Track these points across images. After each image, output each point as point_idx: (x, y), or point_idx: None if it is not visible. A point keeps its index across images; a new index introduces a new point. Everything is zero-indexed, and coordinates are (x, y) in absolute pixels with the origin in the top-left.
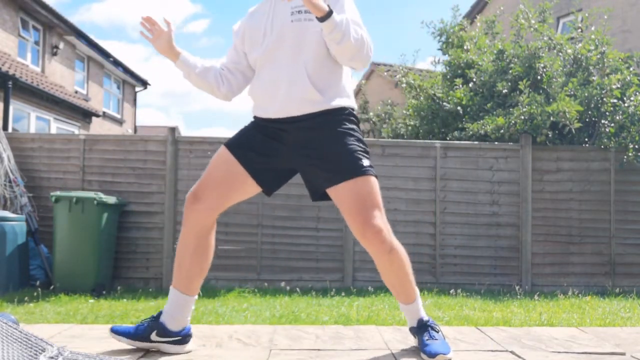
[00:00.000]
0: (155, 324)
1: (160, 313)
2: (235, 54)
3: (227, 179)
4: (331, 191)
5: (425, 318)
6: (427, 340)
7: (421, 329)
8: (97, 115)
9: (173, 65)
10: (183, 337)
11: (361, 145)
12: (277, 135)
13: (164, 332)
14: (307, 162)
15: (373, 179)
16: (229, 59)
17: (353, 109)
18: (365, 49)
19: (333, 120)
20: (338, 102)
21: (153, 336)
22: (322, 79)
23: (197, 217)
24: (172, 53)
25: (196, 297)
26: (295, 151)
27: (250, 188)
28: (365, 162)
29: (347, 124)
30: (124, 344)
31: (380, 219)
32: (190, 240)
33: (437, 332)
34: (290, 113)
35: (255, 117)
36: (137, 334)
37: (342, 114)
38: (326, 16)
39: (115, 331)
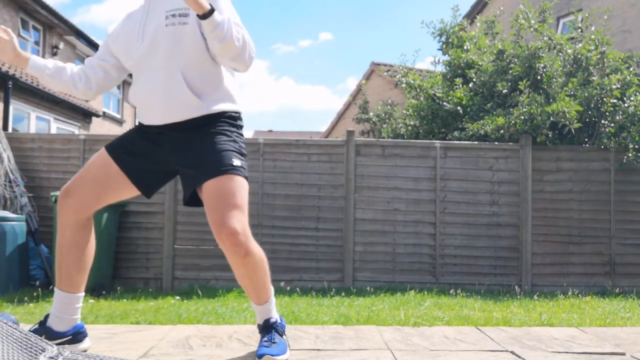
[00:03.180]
0: (42, 329)
1: (47, 317)
2: (104, 52)
3: (102, 179)
4: (200, 193)
5: (273, 319)
6: (264, 342)
7: (264, 329)
8: (97, 115)
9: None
10: (73, 336)
11: (234, 145)
12: (155, 138)
13: (51, 334)
14: (182, 163)
15: (239, 179)
16: (97, 55)
17: (235, 112)
18: (248, 50)
19: (213, 123)
20: (220, 107)
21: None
22: (201, 83)
23: (69, 212)
24: (19, 60)
25: (82, 294)
26: (172, 153)
27: (127, 189)
28: (234, 162)
29: (224, 125)
30: (124, 345)
31: (238, 221)
32: (65, 236)
33: (281, 335)
34: (170, 120)
35: (139, 122)
36: None
37: (221, 117)
38: (208, 14)
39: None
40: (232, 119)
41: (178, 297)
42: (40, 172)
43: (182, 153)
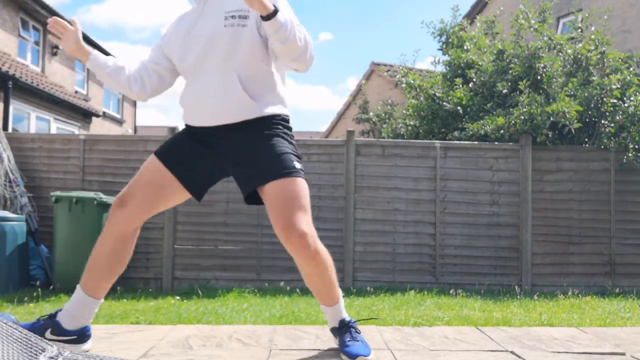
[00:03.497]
0: (50, 322)
1: (58, 311)
2: (157, 55)
3: (155, 187)
4: (261, 192)
5: (347, 319)
6: (348, 341)
7: (342, 329)
8: (97, 115)
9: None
10: (79, 337)
11: (292, 147)
12: (207, 141)
13: (59, 331)
14: (237, 165)
15: (301, 181)
16: (150, 57)
17: (287, 116)
18: (309, 50)
19: (267, 125)
20: (271, 110)
21: (47, 334)
22: (256, 86)
23: (120, 222)
24: (80, 53)
25: (101, 301)
26: (226, 156)
27: (179, 195)
28: (294, 164)
29: (281, 128)
30: (124, 345)
31: (305, 223)
32: (108, 243)
33: (359, 333)
34: (223, 121)
35: (186, 125)
36: (32, 331)
37: (274, 120)
38: (272, 15)
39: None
40: (284, 121)
41: (178, 297)
42: (40, 172)
43: (239, 154)
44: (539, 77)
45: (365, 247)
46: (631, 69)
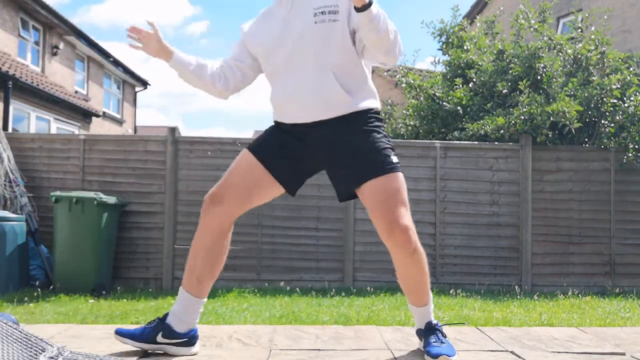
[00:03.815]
0: (161, 326)
1: (166, 315)
2: (240, 52)
3: (249, 182)
4: (359, 190)
5: (434, 322)
6: (434, 342)
7: (429, 331)
8: (97, 115)
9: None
10: (189, 339)
11: (386, 141)
12: (301, 136)
13: (170, 333)
14: (333, 161)
15: (401, 176)
16: (233, 55)
17: (379, 109)
18: (399, 43)
19: (361, 120)
20: (367, 104)
21: (159, 338)
22: (350, 80)
23: (214, 220)
24: (164, 53)
25: (205, 300)
26: (321, 152)
27: (272, 190)
28: (393, 159)
29: (374, 122)
30: (124, 345)
31: (408, 218)
32: (204, 242)
33: (445, 336)
34: (319, 117)
35: (276, 122)
36: (143, 335)
37: (370, 114)
38: (367, 5)
39: (119, 333)
40: (377, 114)
41: None
42: (40, 172)
43: (334, 152)
44: (539, 77)
45: (365, 247)
46: (631, 69)
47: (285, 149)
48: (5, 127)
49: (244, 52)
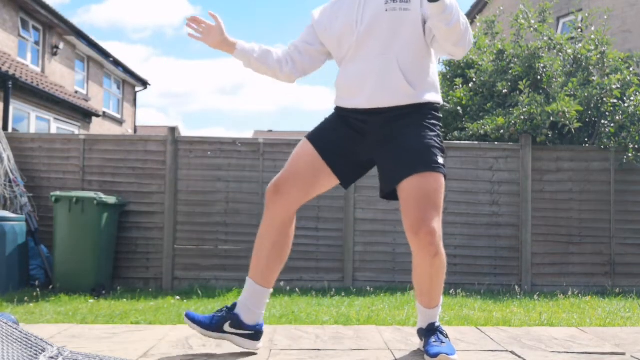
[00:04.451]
0: (229, 315)
1: (234, 305)
2: (310, 36)
3: (309, 173)
4: (400, 185)
5: (437, 324)
6: (433, 342)
7: (430, 332)
8: (97, 115)
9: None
10: (256, 333)
11: (439, 142)
12: (359, 127)
13: (238, 324)
14: (385, 153)
15: (441, 178)
16: (302, 38)
17: (439, 104)
18: (469, 35)
19: (419, 113)
20: (428, 97)
21: (226, 327)
22: (414, 71)
23: (278, 210)
24: (226, 45)
25: (272, 290)
26: (376, 142)
27: (330, 181)
28: (438, 159)
29: (431, 119)
30: (124, 345)
31: (437, 222)
32: (270, 233)
33: (446, 337)
34: (379, 104)
35: (337, 108)
36: (212, 324)
37: (430, 108)
38: None
39: (189, 317)
40: (436, 111)
41: (178, 297)
42: (40, 172)
43: (388, 142)
44: (539, 77)
45: (365, 247)
46: (631, 69)
47: (344, 140)
48: (5, 127)
49: (314, 37)
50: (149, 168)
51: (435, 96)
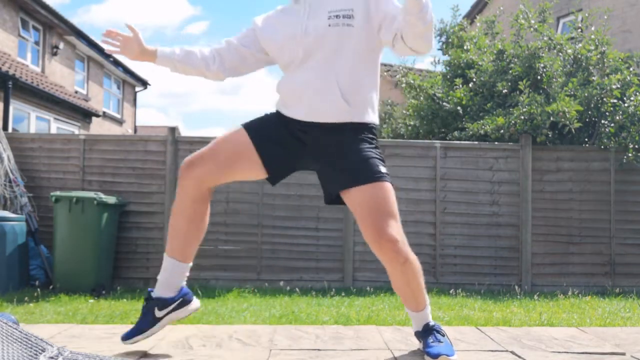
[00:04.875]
0: (152, 303)
1: (150, 292)
2: (248, 39)
3: (232, 156)
4: (345, 195)
5: (432, 323)
6: (432, 342)
7: (426, 332)
8: (97, 115)
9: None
10: (183, 297)
11: (377, 152)
12: (298, 135)
13: (164, 303)
14: (324, 164)
15: (389, 186)
16: (239, 39)
17: (376, 124)
18: (433, 32)
19: (357, 130)
20: (366, 117)
21: (157, 313)
22: (352, 90)
23: (188, 184)
24: (146, 55)
25: (191, 264)
26: (314, 153)
27: (256, 172)
28: (381, 169)
29: (369, 134)
30: (125, 345)
31: (395, 229)
32: (186, 206)
33: (443, 335)
34: (316, 119)
35: (278, 112)
36: (146, 321)
37: (366, 128)
38: None
39: (126, 338)
40: (374, 129)
41: None
42: (40, 172)
43: (326, 154)
44: (539, 77)
45: (365, 247)
46: (631, 69)
47: (280, 139)
48: (5, 127)
49: (252, 40)
50: (149, 168)
51: (372, 117)
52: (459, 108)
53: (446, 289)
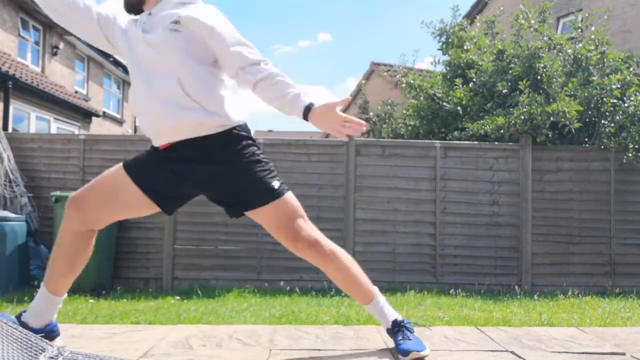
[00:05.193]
0: (19, 323)
1: (22, 312)
2: (101, 16)
3: (115, 197)
4: (248, 214)
5: (400, 319)
6: (400, 340)
7: (394, 329)
8: (97, 115)
9: None
10: (46, 334)
11: (264, 166)
12: (168, 164)
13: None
14: (211, 191)
15: (287, 197)
16: (102, 10)
17: (240, 125)
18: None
19: (222, 145)
20: (223, 122)
21: None
22: (188, 100)
23: (73, 224)
24: None
25: (64, 297)
26: (194, 181)
27: (146, 207)
28: (273, 185)
29: (242, 147)
30: (124, 345)
31: (308, 230)
32: (64, 241)
33: (412, 332)
34: (168, 141)
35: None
36: None
37: (232, 137)
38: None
39: None
40: (242, 133)
41: (178, 297)
42: (40, 172)
43: (209, 182)
44: (539, 77)
45: (365, 247)
46: (631, 69)
47: (157, 172)
48: (5, 127)
49: (105, 24)
50: None
51: (227, 120)
52: (459, 108)
53: (446, 289)
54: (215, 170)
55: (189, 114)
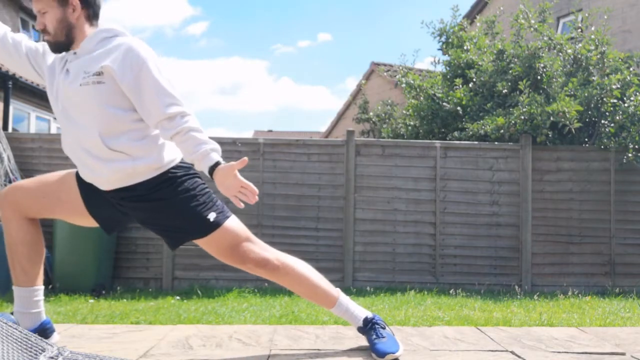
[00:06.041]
0: None
1: (10, 314)
2: (30, 49)
3: (58, 193)
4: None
5: (370, 316)
6: (375, 339)
7: (366, 327)
8: None
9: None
10: (40, 332)
11: (199, 199)
12: (114, 202)
13: None
14: (149, 223)
15: (227, 224)
16: (29, 42)
17: (170, 162)
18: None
19: (162, 188)
20: (150, 167)
21: None
22: (119, 144)
23: (10, 210)
24: None
25: (40, 287)
26: (137, 217)
27: (84, 219)
28: (209, 217)
29: (177, 185)
30: (124, 345)
31: (256, 251)
32: (11, 233)
33: (384, 328)
34: (107, 188)
35: None
36: None
37: (167, 177)
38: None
39: None
40: (170, 173)
41: (178, 297)
42: (40, 172)
43: (150, 218)
44: (539, 77)
45: (365, 247)
46: (631, 69)
47: (104, 199)
48: (5, 127)
49: (34, 55)
50: None
51: (158, 162)
52: (459, 108)
53: (446, 289)
54: (151, 207)
55: (117, 165)
